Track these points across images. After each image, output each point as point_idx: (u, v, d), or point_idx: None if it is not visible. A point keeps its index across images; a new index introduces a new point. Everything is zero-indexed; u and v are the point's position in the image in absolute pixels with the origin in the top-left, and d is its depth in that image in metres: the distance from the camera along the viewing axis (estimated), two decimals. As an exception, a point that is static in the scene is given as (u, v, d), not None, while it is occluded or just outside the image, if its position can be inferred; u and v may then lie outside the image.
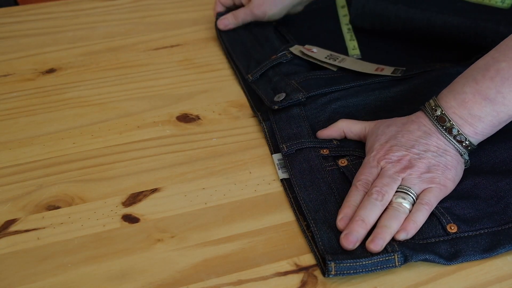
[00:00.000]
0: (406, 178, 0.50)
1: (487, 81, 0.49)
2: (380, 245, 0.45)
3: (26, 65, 0.72)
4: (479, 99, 0.50)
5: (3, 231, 0.50)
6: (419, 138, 0.51)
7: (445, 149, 0.51)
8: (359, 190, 0.50)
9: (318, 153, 0.55)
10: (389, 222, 0.47)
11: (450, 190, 0.50)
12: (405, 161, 0.50)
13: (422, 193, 0.49)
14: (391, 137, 0.52)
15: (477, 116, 0.50)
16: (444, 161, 0.50)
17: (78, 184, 0.55)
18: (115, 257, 0.48)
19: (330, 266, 0.44)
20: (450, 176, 0.50)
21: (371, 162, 0.52)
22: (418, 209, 0.48)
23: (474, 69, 0.51)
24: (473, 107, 0.50)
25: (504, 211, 0.49)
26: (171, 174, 0.56)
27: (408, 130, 0.52)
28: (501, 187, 0.51)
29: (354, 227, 0.46)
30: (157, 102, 0.66)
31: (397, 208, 0.48)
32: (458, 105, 0.51)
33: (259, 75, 0.66)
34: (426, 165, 0.50)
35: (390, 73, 0.64)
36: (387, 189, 0.49)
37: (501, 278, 0.45)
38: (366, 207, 0.48)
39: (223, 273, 0.46)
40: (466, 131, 0.51)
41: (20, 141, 0.60)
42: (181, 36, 0.78)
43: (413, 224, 0.47)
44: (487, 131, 0.51)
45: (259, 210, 0.52)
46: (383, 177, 0.50)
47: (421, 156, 0.50)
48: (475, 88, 0.50)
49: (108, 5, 0.85)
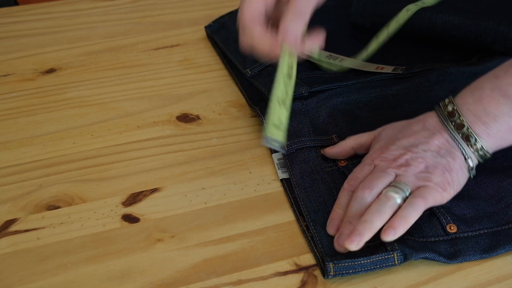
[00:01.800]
0: (401, 174, 0.46)
1: (509, 77, 0.45)
2: (356, 241, 0.42)
3: (26, 65, 0.72)
4: (498, 96, 0.45)
5: (3, 231, 0.50)
6: (421, 137, 0.48)
7: (448, 150, 0.47)
8: (346, 190, 0.48)
9: (318, 153, 0.55)
10: (371, 216, 0.43)
11: (449, 195, 0.47)
12: (402, 160, 0.47)
13: (417, 190, 0.45)
14: (391, 138, 0.50)
15: (492, 114, 0.46)
16: (445, 163, 0.47)
17: (78, 184, 0.55)
18: (115, 257, 0.48)
19: (329, 267, 0.44)
20: (449, 179, 0.46)
21: (365, 161, 0.49)
22: (409, 203, 0.44)
23: (500, 66, 0.48)
24: (489, 104, 0.46)
25: (504, 211, 0.49)
26: (171, 174, 0.56)
27: (411, 131, 0.49)
28: (503, 187, 0.51)
29: (344, 230, 0.45)
30: (157, 102, 0.66)
31: (384, 201, 0.44)
32: (474, 101, 0.46)
33: (257, 71, 0.66)
34: (424, 165, 0.47)
35: (390, 71, 0.65)
36: (376, 182, 0.46)
37: (501, 278, 0.45)
38: (352, 206, 0.46)
39: (223, 273, 0.46)
40: (477, 130, 0.46)
41: (20, 141, 0.60)
42: (181, 36, 0.78)
43: (401, 220, 0.43)
44: (502, 134, 0.46)
45: (259, 210, 0.52)
46: (374, 172, 0.47)
47: (419, 155, 0.47)
48: (495, 83, 0.46)
49: (108, 5, 0.85)
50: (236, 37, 0.73)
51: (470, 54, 0.68)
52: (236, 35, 0.73)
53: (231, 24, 0.75)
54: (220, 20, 0.77)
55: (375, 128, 0.57)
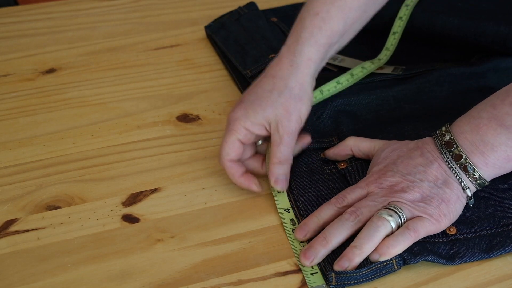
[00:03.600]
0: (395, 201, 0.46)
1: (506, 107, 0.45)
2: (345, 266, 0.43)
3: (26, 65, 0.72)
4: (495, 125, 0.45)
5: (3, 231, 0.50)
6: (418, 165, 0.47)
7: (445, 180, 0.47)
8: (331, 203, 0.48)
9: (318, 156, 0.55)
10: (361, 242, 0.44)
11: (444, 227, 0.46)
12: (398, 187, 0.47)
13: (411, 220, 0.45)
14: (390, 163, 0.49)
15: (490, 144, 0.45)
16: (442, 194, 0.46)
17: (78, 184, 0.55)
18: (115, 257, 0.48)
19: (331, 277, 0.44)
20: (445, 211, 0.46)
21: (359, 184, 0.49)
22: (401, 233, 0.44)
23: (496, 94, 0.47)
24: (486, 133, 0.45)
25: (504, 213, 0.49)
26: (171, 174, 0.56)
27: (409, 157, 0.48)
28: (503, 189, 0.50)
29: (314, 243, 0.45)
30: (157, 102, 0.66)
31: (376, 224, 0.44)
32: (471, 129, 0.46)
33: (258, 72, 0.66)
34: (420, 194, 0.46)
35: (390, 71, 0.64)
36: (363, 210, 0.46)
37: (501, 278, 0.45)
38: (333, 225, 0.46)
39: (223, 273, 0.46)
40: (475, 160, 0.46)
41: (20, 141, 0.60)
42: (181, 36, 0.78)
43: (388, 249, 0.43)
44: (499, 163, 0.46)
45: (259, 210, 0.52)
46: (366, 200, 0.47)
47: (415, 184, 0.46)
48: (492, 113, 0.46)
49: (108, 5, 0.85)
50: (235, 37, 0.73)
51: (470, 54, 0.68)
52: (236, 35, 0.73)
53: (230, 24, 0.75)
54: (219, 20, 0.77)
55: (375, 129, 0.57)
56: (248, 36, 0.72)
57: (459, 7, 0.68)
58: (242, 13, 0.77)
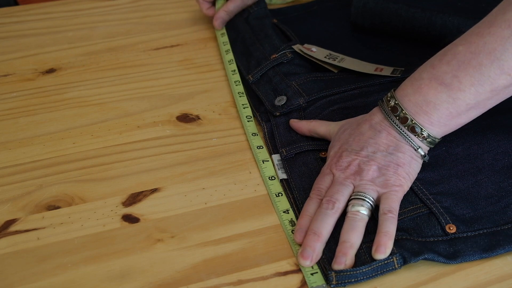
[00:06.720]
0: (358, 184, 0.48)
1: (444, 65, 0.47)
2: (343, 261, 0.44)
3: (26, 65, 0.72)
4: (435, 84, 0.47)
5: (3, 231, 0.50)
6: (368, 139, 0.50)
7: (396, 145, 0.49)
8: (313, 199, 0.49)
9: (317, 155, 0.55)
10: (348, 235, 0.45)
11: (407, 187, 0.49)
12: (354, 166, 0.49)
13: (381, 202, 0.47)
14: (343, 143, 0.51)
15: (432, 103, 0.47)
16: (395, 159, 0.49)
17: (78, 184, 0.55)
18: (115, 257, 0.48)
19: (331, 276, 0.44)
20: (403, 174, 0.49)
21: (325, 170, 0.51)
22: (384, 219, 0.46)
23: (435, 55, 0.49)
24: (428, 93, 0.47)
25: (504, 211, 0.49)
26: (171, 174, 0.56)
27: (359, 132, 0.51)
28: (504, 187, 0.51)
29: (308, 242, 0.46)
30: (157, 102, 0.66)
31: (353, 218, 0.46)
32: (414, 91, 0.48)
33: (259, 76, 0.66)
34: (377, 166, 0.49)
35: (389, 73, 0.64)
36: (337, 196, 0.48)
37: (501, 278, 0.45)
38: (317, 218, 0.47)
39: (223, 273, 0.46)
40: (421, 121, 0.48)
41: (20, 141, 0.60)
42: (181, 36, 0.78)
43: (385, 236, 0.45)
44: (443, 121, 0.48)
45: (259, 210, 0.52)
46: (334, 185, 0.49)
47: (370, 158, 0.49)
48: (432, 73, 0.48)
49: (108, 5, 0.85)
50: (243, 37, 0.73)
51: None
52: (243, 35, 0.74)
53: (239, 23, 0.76)
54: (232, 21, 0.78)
55: None
56: (253, 37, 0.72)
57: (459, 7, 0.68)
58: (252, 11, 0.77)
